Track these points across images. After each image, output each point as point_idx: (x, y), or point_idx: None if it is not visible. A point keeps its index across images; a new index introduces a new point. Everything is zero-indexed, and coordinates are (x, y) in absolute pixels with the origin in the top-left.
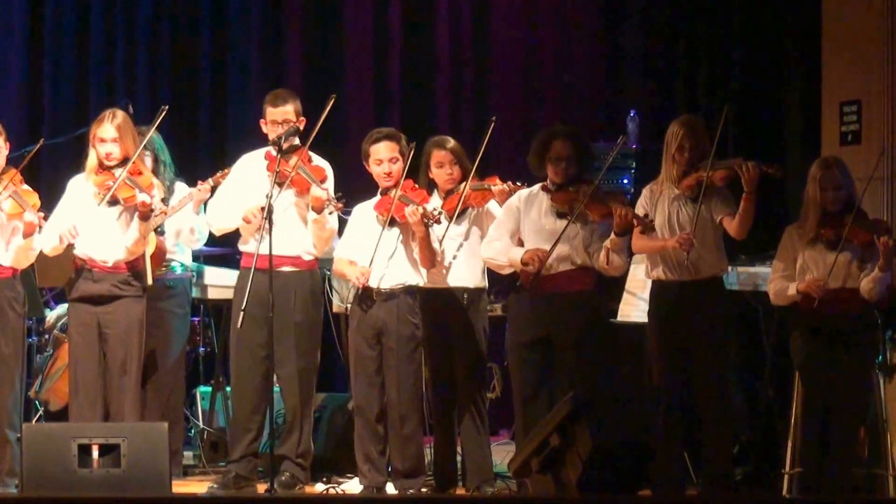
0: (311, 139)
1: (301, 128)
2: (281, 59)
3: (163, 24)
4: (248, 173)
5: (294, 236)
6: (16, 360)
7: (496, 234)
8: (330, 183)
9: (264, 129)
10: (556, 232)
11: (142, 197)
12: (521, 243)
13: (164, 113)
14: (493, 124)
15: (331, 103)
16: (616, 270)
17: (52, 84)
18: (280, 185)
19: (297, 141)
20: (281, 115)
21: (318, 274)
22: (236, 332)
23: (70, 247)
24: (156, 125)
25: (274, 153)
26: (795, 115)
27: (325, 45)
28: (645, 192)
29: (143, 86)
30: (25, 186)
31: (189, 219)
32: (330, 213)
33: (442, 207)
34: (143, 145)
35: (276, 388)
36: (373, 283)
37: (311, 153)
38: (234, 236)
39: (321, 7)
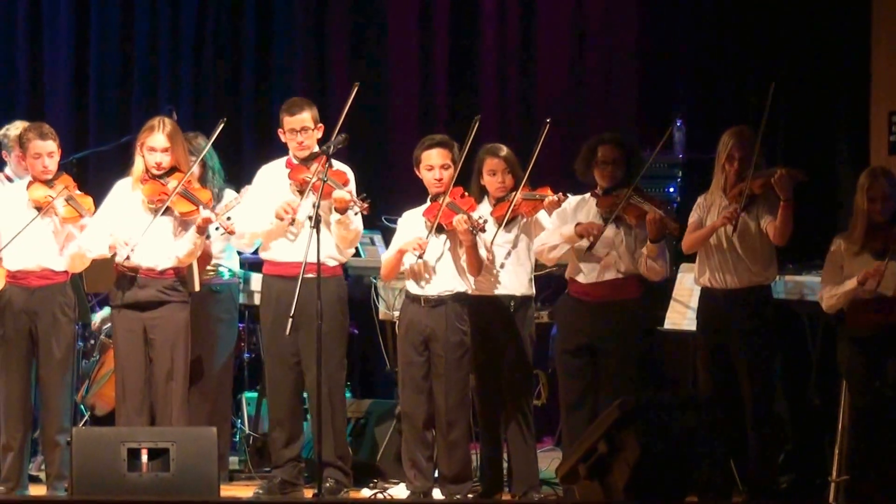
0: (335, 134)
1: (320, 135)
2: (325, 66)
3: (207, 31)
4: (270, 184)
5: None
6: (67, 364)
7: (545, 235)
8: (353, 186)
9: (282, 139)
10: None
11: (206, 213)
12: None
13: (223, 125)
14: (547, 126)
15: (354, 90)
16: (657, 275)
17: (97, 92)
18: (301, 192)
19: (317, 148)
20: (299, 123)
21: (343, 280)
22: (270, 341)
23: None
24: (213, 138)
25: (295, 161)
26: (844, 125)
27: (370, 56)
28: (699, 200)
29: (187, 93)
30: (78, 192)
31: None
32: (355, 214)
33: (491, 214)
34: (199, 159)
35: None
36: (420, 291)
37: (332, 159)
38: None
39: (365, 16)
